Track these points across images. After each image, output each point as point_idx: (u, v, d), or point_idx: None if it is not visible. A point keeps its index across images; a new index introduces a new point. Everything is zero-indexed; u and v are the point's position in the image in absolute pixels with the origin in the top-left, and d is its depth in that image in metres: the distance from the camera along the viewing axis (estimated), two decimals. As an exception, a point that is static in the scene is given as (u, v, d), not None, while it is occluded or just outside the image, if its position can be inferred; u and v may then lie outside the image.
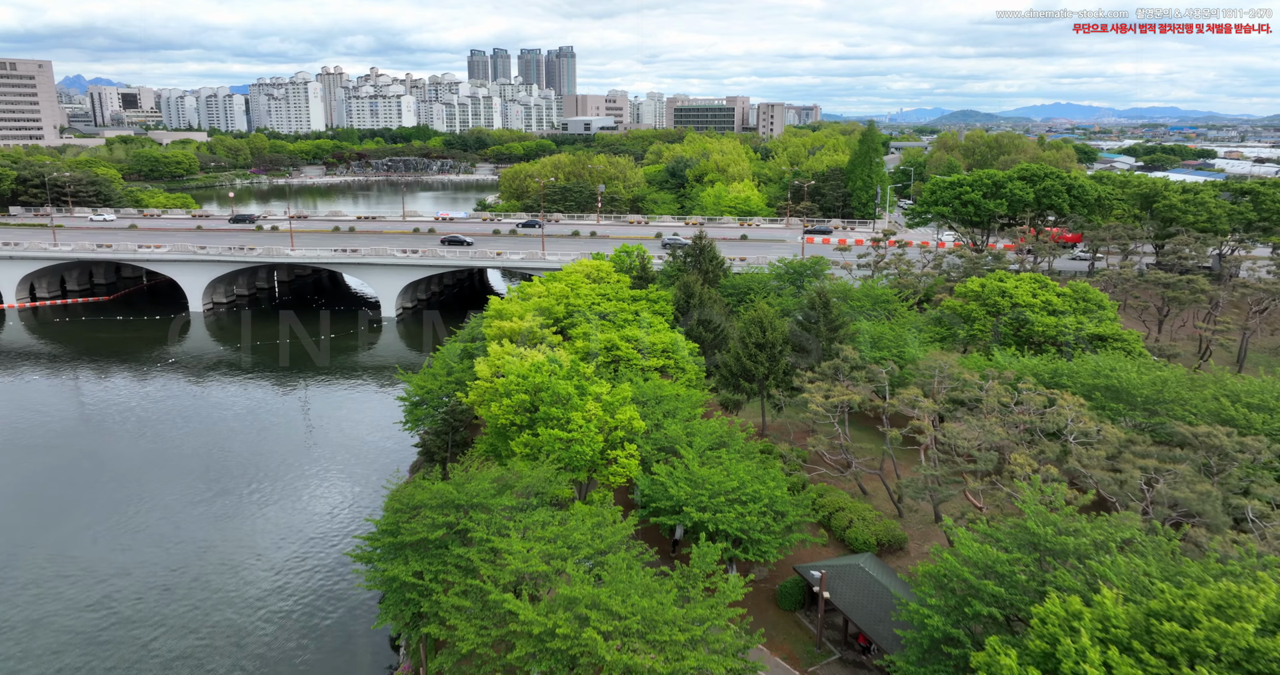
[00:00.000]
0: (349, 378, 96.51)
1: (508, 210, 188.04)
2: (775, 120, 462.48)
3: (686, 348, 65.10)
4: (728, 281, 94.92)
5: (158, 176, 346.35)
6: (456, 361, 68.15)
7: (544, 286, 77.94)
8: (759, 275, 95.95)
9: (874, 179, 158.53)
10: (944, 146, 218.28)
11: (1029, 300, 73.16)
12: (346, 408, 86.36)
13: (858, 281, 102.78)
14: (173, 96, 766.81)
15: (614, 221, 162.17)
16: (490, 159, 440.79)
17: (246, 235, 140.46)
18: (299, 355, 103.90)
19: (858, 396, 52.87)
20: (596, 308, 70.57)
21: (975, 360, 63.20)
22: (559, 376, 50.73)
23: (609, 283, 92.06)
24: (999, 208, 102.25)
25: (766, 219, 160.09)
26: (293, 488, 67.11)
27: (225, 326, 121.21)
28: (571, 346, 64.59)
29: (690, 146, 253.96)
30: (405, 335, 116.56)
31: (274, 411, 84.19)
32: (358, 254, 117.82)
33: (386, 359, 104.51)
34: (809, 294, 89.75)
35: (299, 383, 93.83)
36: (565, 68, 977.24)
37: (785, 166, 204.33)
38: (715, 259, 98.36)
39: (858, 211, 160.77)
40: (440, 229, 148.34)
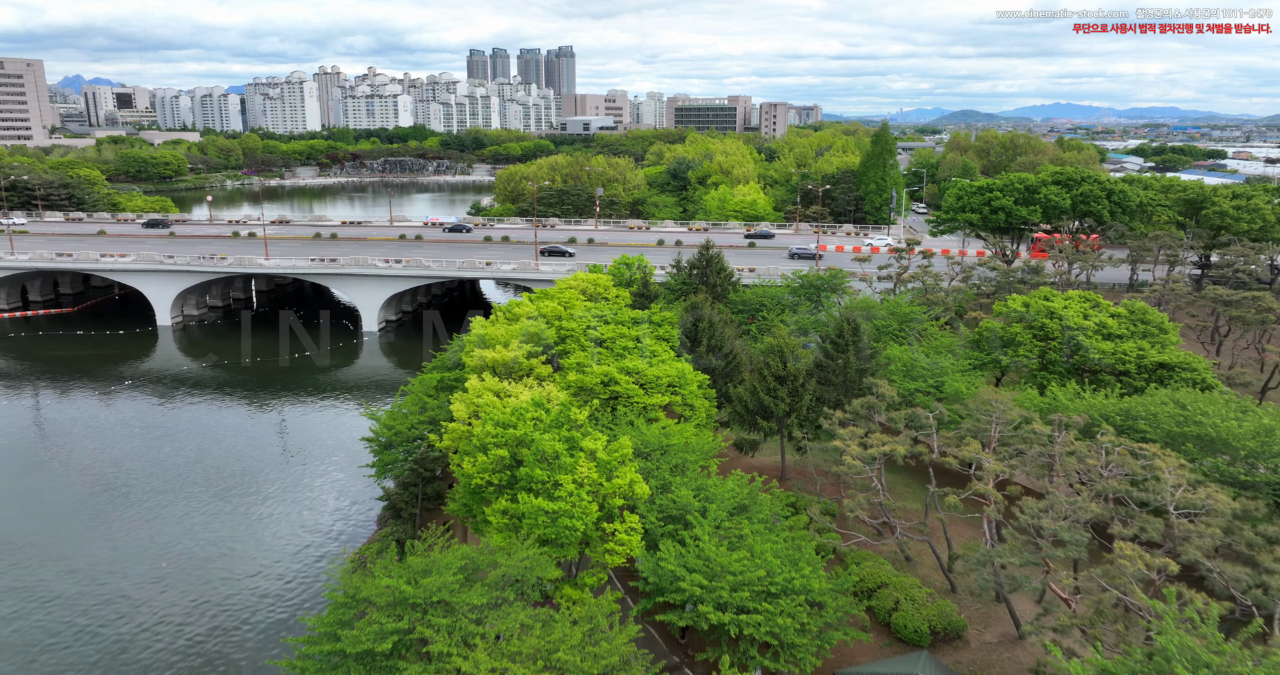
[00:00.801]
0: (320, 402, 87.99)
1: (502, 214, 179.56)
2: (778, 120, 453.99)
3: (695, 380, 56.61)
4: (737, 297, 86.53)
5: (146, 178, 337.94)
6: (431, 395, 59.67)
7: (534, 306, 69.46)
8: (772, 289, 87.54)
9: (888, 182, 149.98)
10: (956, 147, 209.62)
11: (1080, 322, 64.69)
12: (312, 440, 77.80)
13: (878, 295, 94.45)
14: (167, 96, 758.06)
15: (613, 226, 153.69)
16: (488, 159, 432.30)
17: (220, 243, 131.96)
18: (269, 375, 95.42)
19: (901, 448, 44.39)
20: (592, 332, 62.11)
21: (1030, 398, 54.71)
22: (545, 424, 42.33)
23: (607, 299, 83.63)
24: (1033, 215, 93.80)
25: (774, 224, 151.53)
26: (241, 548, 58.58)
27: (196, 341, 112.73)
28: (563, 379, 56.10)
29: (692, 147, 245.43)
30: (389, 351, 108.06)
31: (231, 445, 75.64)
32: (336, 264, 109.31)
33: (364, 381, 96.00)
34: (831, 315, 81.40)
35: (264, 409, 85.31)
36: (565, 68, 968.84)
37: (792, 168, 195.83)
38: (723, 271, 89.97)
39: (870, 216, 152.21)
40: (428, 235, 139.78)
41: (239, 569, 54.71)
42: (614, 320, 64.51)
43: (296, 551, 57.13)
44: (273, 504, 63.75)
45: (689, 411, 55.28)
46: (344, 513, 62.80)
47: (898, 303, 78.29)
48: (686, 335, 64.21)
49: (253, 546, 57.57)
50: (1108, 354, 61.49)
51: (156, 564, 55.19)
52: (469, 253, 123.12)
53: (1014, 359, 65.62)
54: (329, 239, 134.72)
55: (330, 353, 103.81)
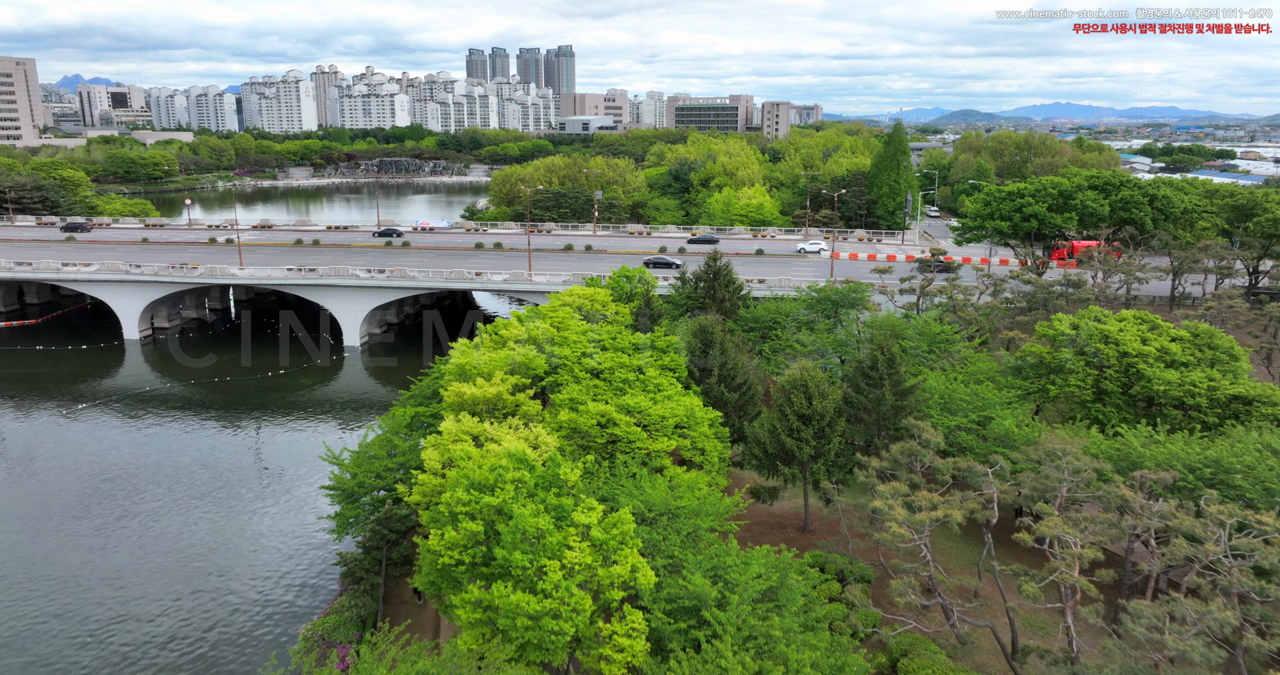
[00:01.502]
0: (289, 428, 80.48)
1: (497, 218, 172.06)
2: (780, 120, 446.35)
3: (706, 419, 49.19)
4: (748, 313, 79.02)
5: (135, 178, 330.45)
6: (403, 434, 52.16)
7: (522, 328, 61.95)
8: (786, 304, 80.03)
9: (902, 185, 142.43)
10: (969, 148, 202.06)
11: (1139, 347, 57.22)
12: (275, 472, 70.28)
13: (899, 309, 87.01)
14: (162, 96, 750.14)
15: (612, 232, 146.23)
16: (485, 160, 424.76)
17: (194, 250, 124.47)
18: (239, 396, 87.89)
19: (957, 513, 36.96)
20: (589, 361, 54.63)
21: (1096, 443, 47.24)
22: (529, 486, 34.96)
23: (605, 316, 76.18)
24: (1068, 223, 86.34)
25: (782, 229, 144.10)
26: (188, 610, 51.05)
27: (166, 356, 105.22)
28: (554, 419, 48.64)
29: (694, 148, 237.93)
30: (372, 368, 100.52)
31: (185, 477, 68.14)
32: (314, 274, 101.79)
33: (342, 402, 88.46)
34: (851, 332, 73.91)
35: (227, 437, 77.76)
36: (564, 67, 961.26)
37: (798, 170, 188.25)
38: (733, 284, 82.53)
39: (883, 221, 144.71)
40: (416, 241, 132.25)
41: (186, 631, 47.21)
42: (613, 346, 57.03)
43: (253, 611, 49.62)
44: (226, 556, 56.27)
45: (699, 456, 47.84)
46: (307, 565, 55.30)
47: (926, 321, 70.79)
48: (695, 363, 56.76)
49: (201, 609, 50.05)
50: (1174, 385, 54.04)
51: (85, 624, 47.75)
52: (458, 261, 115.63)
53: (1064, 389, 58.19)
54: (311, 246, 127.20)
55: (309, 370, 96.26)
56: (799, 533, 51.83)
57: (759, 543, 47.43)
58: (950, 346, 68.80)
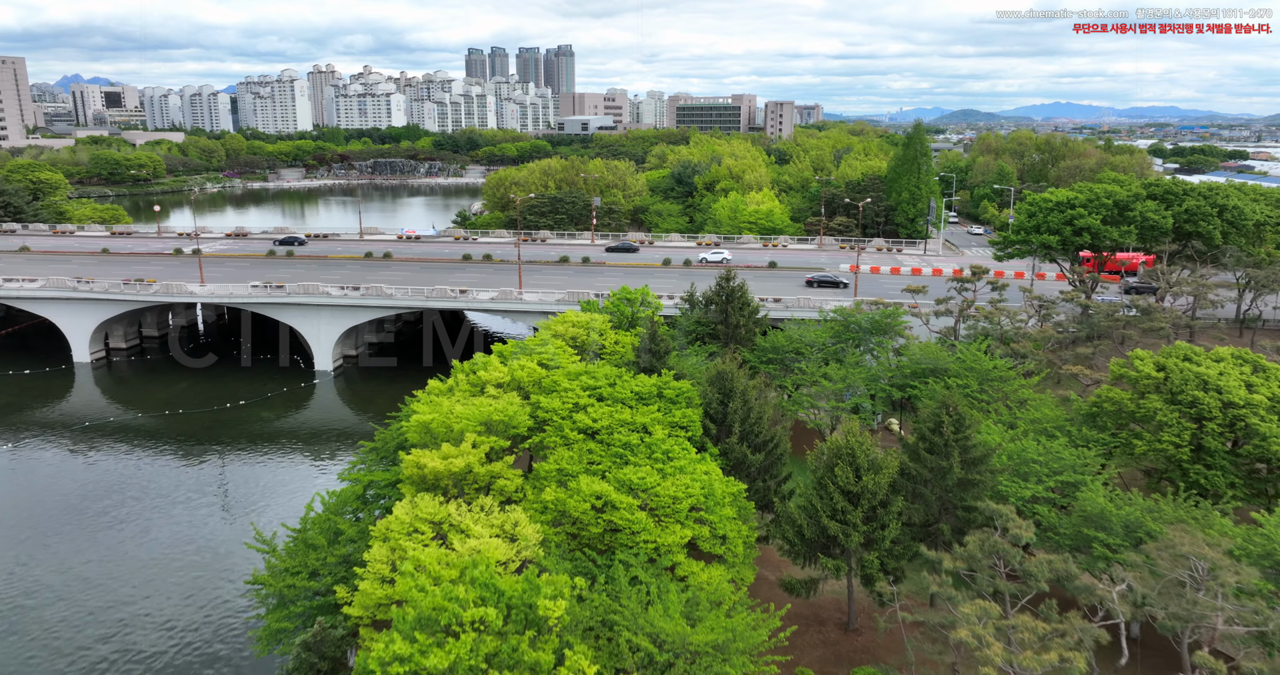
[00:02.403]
0: (248, 478, 70.68)
1: (489, 224, 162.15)
2: (784, 120, 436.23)
3: (727, 495, 39.43)
4: (766, 342, 69.16)
5: (120, 180, 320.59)
6: (350, 515, 42.32)
7: (504, 369, 52.16)
8: (809, 330, 70.15)
9: (923, 190, 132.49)
10: (987, 149, 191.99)
11: (1245, 395, 47.45)
12: (213, 545, 60.48)
13: (934, 334, 77.24)
14: (156, 95, 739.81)
15: (612, 241, 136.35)
16: (482, 161, 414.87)
17: (156, 263, 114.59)
18: (189, 431, 78.06)
19: (1080, 660, 27.18)
20: (581, 417, 44.73)
21: (1223, 529, 37.48)
22: (494, 630, 25.37)
23: (601, 344, 66.33)
24: (1126, 237, 76.55)
25: (794, 238, 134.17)
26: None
27: (120, 382, 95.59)
28: (537, 496, 38.86)
29: (698, 149, 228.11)
30: (346, 396, 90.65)
31: (106, 538, 58.37)
32: (282, 291, 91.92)
33: (308, 438, 78.58)
34: (886, 365, 64.04)
35: (171, 485, 67.93)
36: (564, 66, 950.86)
37: (808, 173, 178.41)
38: (748, 307, 72.71)
39: (903, 229, 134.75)
40: (399, 252, 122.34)
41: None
42: (612, 395, 47.13)
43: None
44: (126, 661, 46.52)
45: (720, 546, 38.06)
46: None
47: (975, 355, 60.96)
48: (711, 415, 46.92)
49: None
50: (1295, 445, 44.33)
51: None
52: (443, 275, 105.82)
53: (1153, 446, 48.37)
54: (284, 257, 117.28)
55: (272, 400, 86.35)
56: (841, 632, 42.02)
57: (793, 645, 37.75)
58: (1005, 386, 59.06)
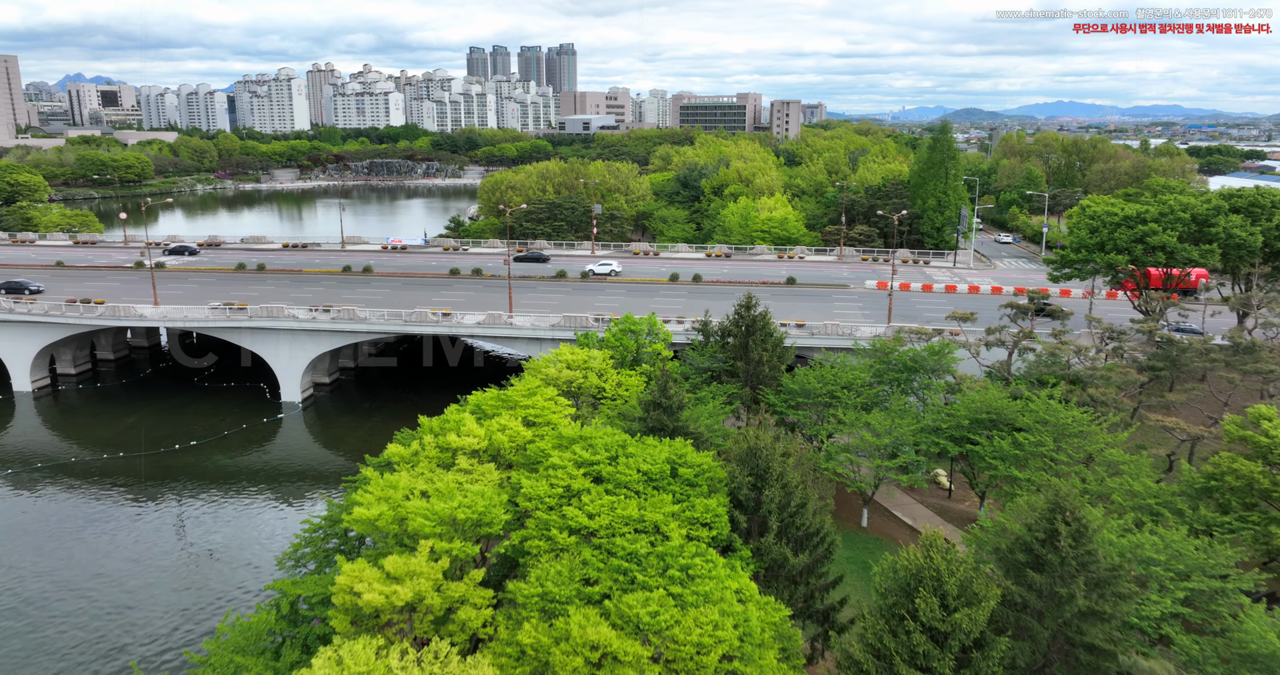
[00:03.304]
0: (178, 550, 60.62)
1: (483, 231, 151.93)
2: (791, 119, 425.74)
3: (769, 629, 29.35)
4: (795, 384, 58.87)
5: (107, 182, 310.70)
6: (268, 657, 32.12)
7: (480, 431, 42.01)
8: (845, 371, 59.85)
9: (951, 197, 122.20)
10: (1010, 151, 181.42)
11: None
12: (143, 622, 50.40)
13: (982, 368, 67.02)
14: (152, 94, 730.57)
15: (613, 252, 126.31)
16: (481, 161, 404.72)
17: (114, 277, 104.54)
18: (133, 477, 68.01)
19: None
20: (574, 512, 34.52)
21: None
22: None
23: (602, 393, 56.27)
24: (1208, 257, 66.45)
25: (811, 248, 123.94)
26: None
27: (68, 411, 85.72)
28: (511, 639, 28.75)
29: (704, 150, 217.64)
30: (314, 433, 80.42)
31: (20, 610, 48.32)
32: (243, 314, 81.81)
33: (258, 495, 68.45)
34: (936, 412, 53.83)
35: (87, 554, 57.87)
36: (566, 65, 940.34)
37: (822, 176, 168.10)
38: (771, 339, 62.55)
39: (929, 239, 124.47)
40: (382, 266, 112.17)
41: None
42: (614, 477, 36.93)
43: None
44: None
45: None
46: None
47: (1049, 404, 50.71)
48: (741, 504, 36.76)
49: None
50: None
51: None
52: (428, 292, 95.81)
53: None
54: (255, 271, 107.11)
55: (230, 439, 76.26)
56: None
57: None
58: (1088, 444, 48.85)
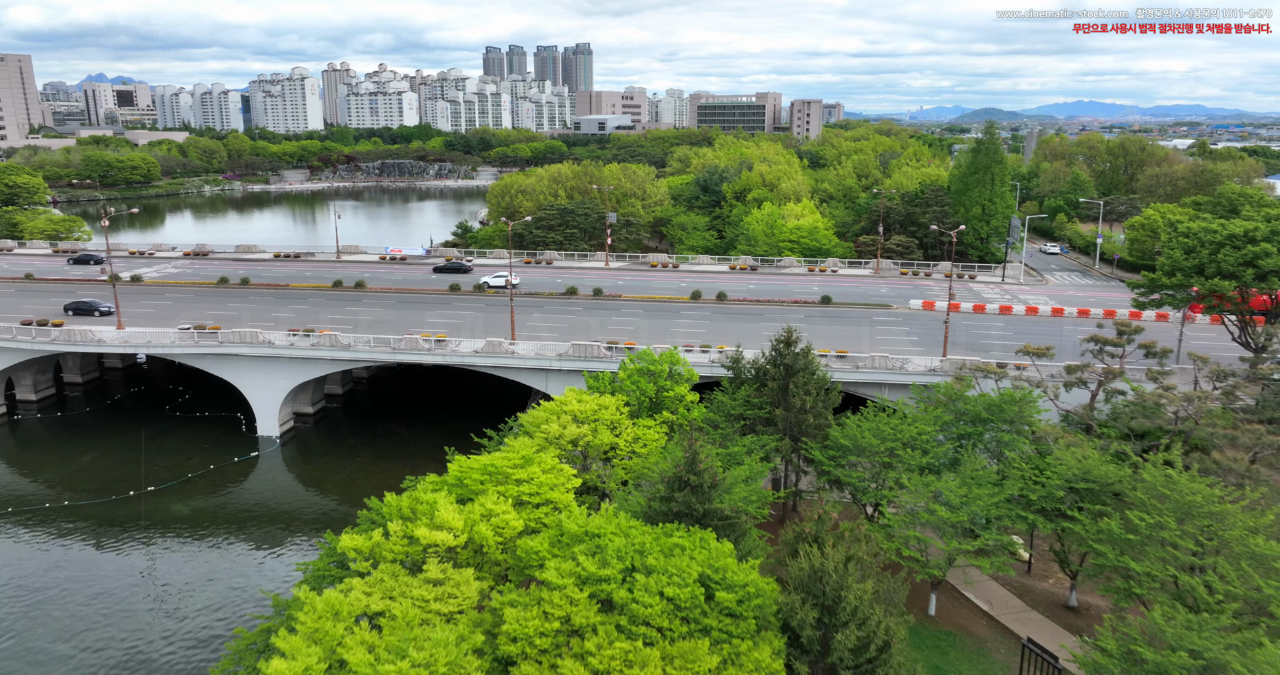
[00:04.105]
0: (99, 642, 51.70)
1: (490, 239, 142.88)
2: (812, 119, 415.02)
3: None
4: (846, 437, 49.09)
5: (113, 183, 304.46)
6: None
7: (458, 519, 32.75)
8: (903, 421, 50.07)
9: (998, 205, 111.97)
10: (1051, 154, 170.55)
11: None
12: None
13: (1058, 410, 57.11)
14: (167, 94, 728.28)
15: (629, 263, 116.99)
16: (494, 162, 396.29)
17: (86, 291, 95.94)
18: (76, 531, 59.31)
19: None
20: (570, 668, 25.11)
21: None
22: None
23: (614, 444, 47.05)
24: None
25: (844, 260, 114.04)
26: None
27: (23, 445, 77.26)
28: None
29: (724, 152, 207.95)
30: (293, 473, 71.36)
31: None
32: (213, 340, 72.93)
33: (219, 557, 59.44)
34: (1020, 473, 43.71)
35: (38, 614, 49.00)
36: (582, 65, 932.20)
37: (851, 180, 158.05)
38: (814, 378, 52.97)
39: (973, 251, 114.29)
40: (378, 279, 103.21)
41: None
42: (627, 607, 27.42)
43: None
44: None
45: None
46: None
47: (1166, 473, 40.80)
48: (801, 645, 27.18)
49: None
50: None
51: None
52: (422, 312, 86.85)
53: None
54: (238, 285, 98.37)
55: (196, 481, 67.44)
56: None
57: None
58: (1223, 529, 38.93)
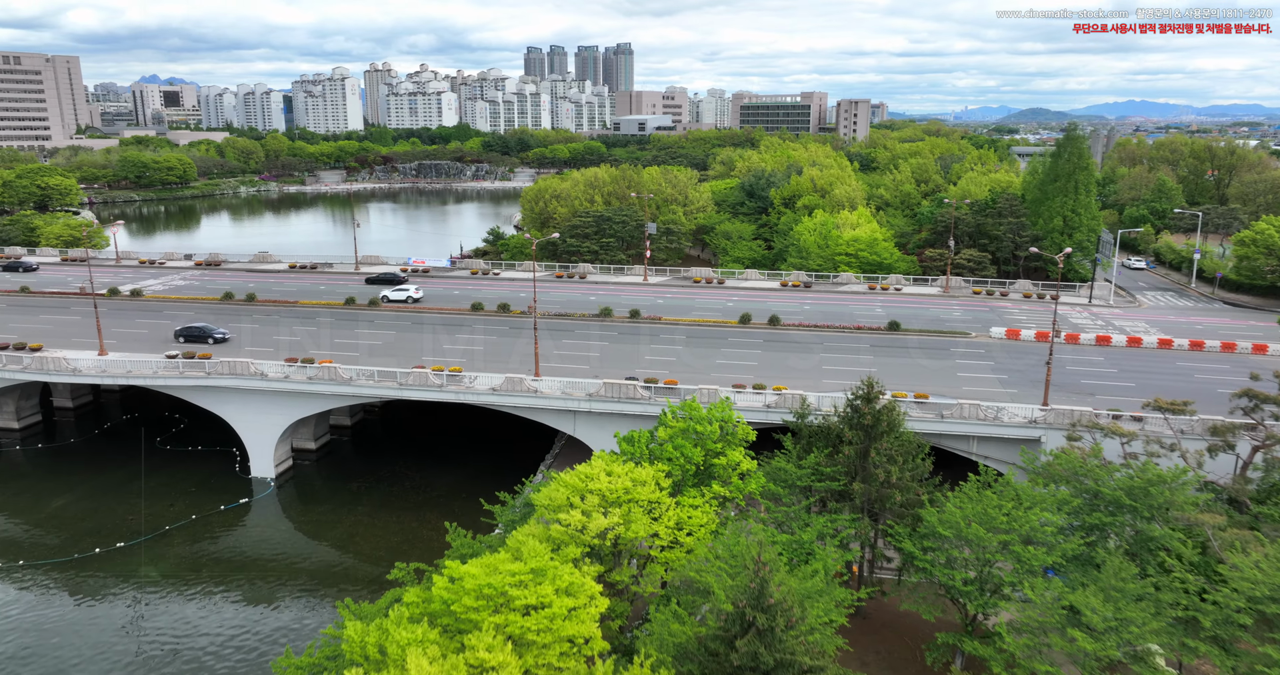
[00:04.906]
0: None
1: (523, 247, 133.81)
2: (859, 119, 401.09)
3: None
4: (946, 527, 38.59)
5: (149, 183, 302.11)
6: None
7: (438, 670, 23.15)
8: (1015, 505, 39.48)
9: (1083, 216, 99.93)
10: (1129, 157, 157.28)
11: None
12: None
13: (1202, 476, 45.91)
14: (211, 94, 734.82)
15: (670, 278, 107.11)
16: (532, 163, 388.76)
17: (80, 307, 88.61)
18: (25, 600, 51.10)
19: None
20: None
21: None
22: None
23: (653, 535, 37.48)
24: None
25: (908, 277, 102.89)
26: None
27: (10, 477, 69.69)
28: None
29: (770, 155, 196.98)
30: (284, 524, 62.61)
31: None
32: (199, 370, 64.55)
33: (205, 622, 50.74)
34: (1185, 583, 32.70)
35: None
36: (622, 65, 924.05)
37: (909, 186, 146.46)
38: (900, 440, 42.81)
39: (1053, 269, 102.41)
40: (395, 296, 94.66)
41: None
42: None
43: None
44: None
45: None
46: None
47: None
48: None
49: None
50: None
51: None
52: (438, 336, 77.85)
53: None
54: (243, 301, 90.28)
55: (174, 534, 59.04)
56: None
57: None
58: None
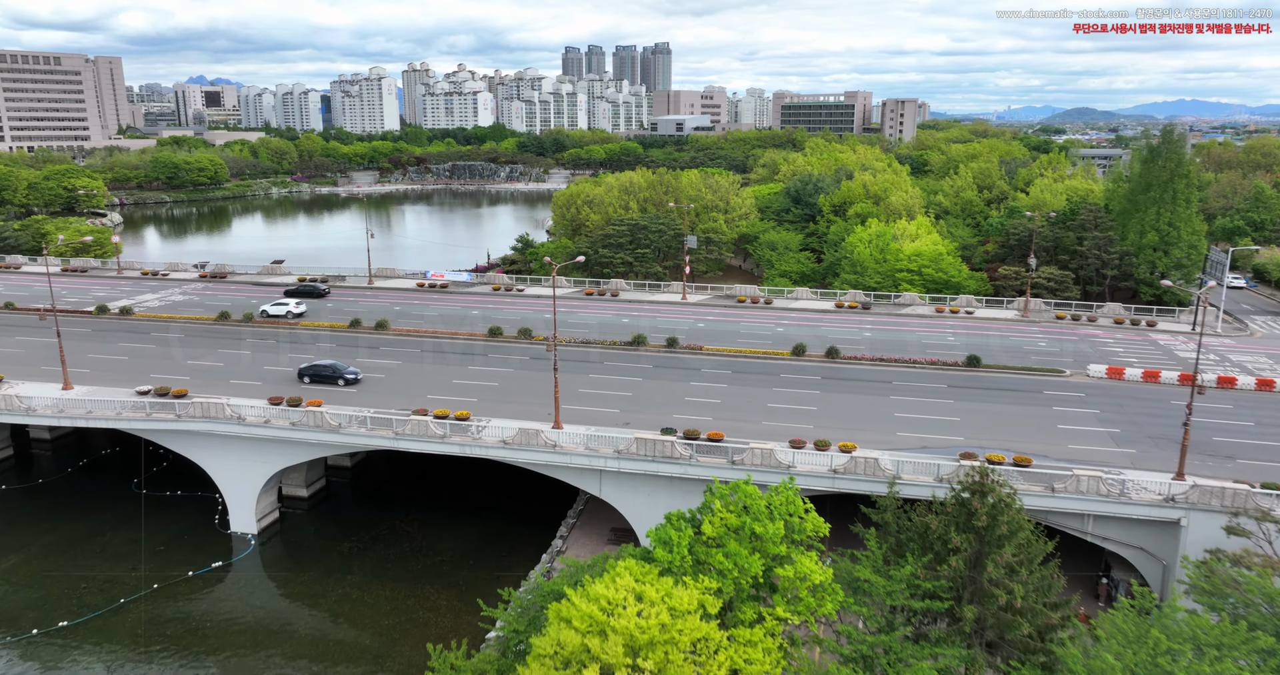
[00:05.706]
0: None
1: (553, 257, 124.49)
2: (905, 119, 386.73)
3: None
4: (1084, 668, 28.34)
5: (180, 184, 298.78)
6: None
7: None
8: (1194, 655, 29.01)
9: (1183, 230, 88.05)
10: (1218, 163, 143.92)
11: None
12: None
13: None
14: (251, 94, 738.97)
15: (711, 296, 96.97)
16: (567, 164, 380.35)
17: (63, 326, 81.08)
18: None
19: None
20: None
21: None
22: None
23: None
24: None
25: (979, 297, 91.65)
26: None
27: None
28: None
29: (816, 158, 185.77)
30: (264, 594, 53.85)
31: None
32: (169, 412, 55.96)
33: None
34: None
35: None
36: (660, 65, 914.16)
37: (971, 192, 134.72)
38: (1021, 544, 32.52)
39: (1144, 289, 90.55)
40: (407, 315, 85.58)
41: None
42: None
43: None
44: None
45: None
46: None
47: None
48: None
49: None
50: None
51: None
52: (447, 369, 68.67)
53: None
54: (240, 322, 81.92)
55: (130, 605, 50.51)
56: None
57: None
58: None
